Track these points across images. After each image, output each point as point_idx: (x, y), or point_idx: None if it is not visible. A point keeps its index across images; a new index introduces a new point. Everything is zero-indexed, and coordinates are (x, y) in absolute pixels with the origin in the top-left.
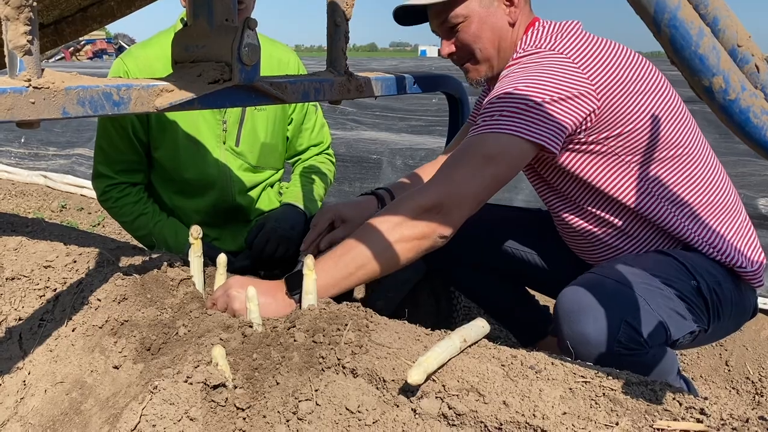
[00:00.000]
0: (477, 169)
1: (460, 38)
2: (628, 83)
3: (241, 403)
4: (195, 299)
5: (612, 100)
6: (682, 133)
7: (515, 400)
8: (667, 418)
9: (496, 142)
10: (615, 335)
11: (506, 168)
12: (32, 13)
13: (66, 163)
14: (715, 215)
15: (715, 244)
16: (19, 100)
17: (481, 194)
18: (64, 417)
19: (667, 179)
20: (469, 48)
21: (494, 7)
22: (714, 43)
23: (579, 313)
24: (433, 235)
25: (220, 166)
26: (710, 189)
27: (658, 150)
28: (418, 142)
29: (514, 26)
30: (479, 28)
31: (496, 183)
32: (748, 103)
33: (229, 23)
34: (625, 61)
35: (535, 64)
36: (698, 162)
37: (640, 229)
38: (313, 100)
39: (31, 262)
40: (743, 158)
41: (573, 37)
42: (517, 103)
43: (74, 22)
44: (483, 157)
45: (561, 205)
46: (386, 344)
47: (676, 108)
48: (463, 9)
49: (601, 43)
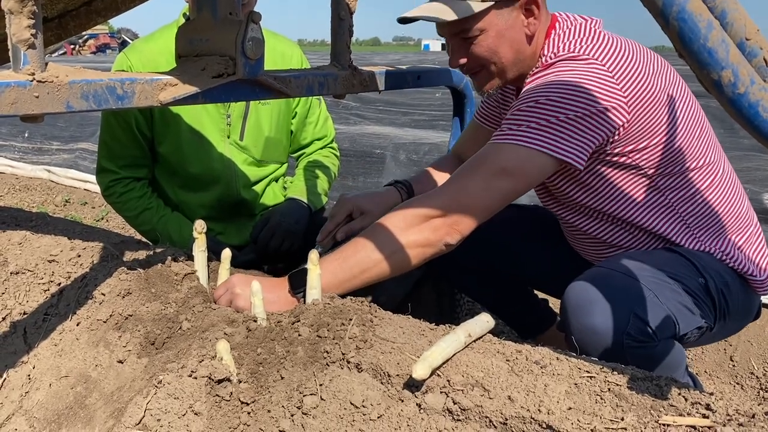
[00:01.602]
0: (491, 182)
1: (474, 51)
2: (655, 94)
3: (245, 398)
4: (199, 294)
5: (640, 112)
6: (700, 144)
7: (520, 395)
8: (672, 414)
9: (516, 155)
10: (624, 328)
11: (523, 184)
12: (36, 6)
13: (69, 157)
14: (728, 226)
15: (727, 252)
16: (23, 93)
17: (492, 207)
18: (69, 411)
19: (682, 192)
20: (483, 61)
21: (513, 18)
22: (723, 36)
23: (588, 305)
24: (439, 243)
25: (225, 160)
26: (724, 199)
27: (676, 163)
28: (421, 136)
29: (533, 38)
30: (496, 42)
31: (509, 197)
32: (757, 97)
33: (233, 17)
34: (651, 68)
35: (569, 72)
36: (714, 172)
37: (648, 237)
38: (317, 94)
39: (36, 257)
40: (748, 153)
41: (604, 41)
42: (548, 116)
43: (78, 15)
44: (500, 169)
45: (566, 212)
46: (391, 339)
47: (695, 116)
48: (480, 22)
49: (629, 48)
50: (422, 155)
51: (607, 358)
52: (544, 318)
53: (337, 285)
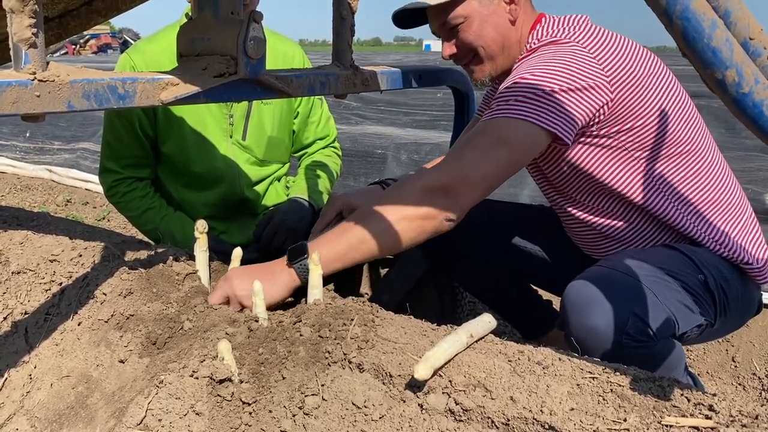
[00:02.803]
0: (489, 152)
1: (461, 38)
2: (640, 77)
3: (247, 398)
4: (200, 294)
5: (625, 93)
6: (689, 130)
7: (522, 396)
8: (675, 415)
9: (510, 126)
10: (624, 327)
11: (519, 152)
12: (37, 5)
13: (71, 157)
14: (720, 212)
15: (721, 240)
16: (24, 93)
17: (491, 177)
18: (70, 411)
19: (673, 175)
20: (470, 47)
21: (494, 5)
22: (727, 36)
23: (587, 305)
24: (440, 217)
25: (228, 159)
26: (715, 186)
27: (666, 146)
28: (423, 136)
29: (516, 24)
30: (480, 27)
31: (508, 167)
32: (761, 96)
33: (234, 16)
34: (636, 56)
35: (551, 53)
36: (704, 159)
37: (645, 224)
38: (318, 93)
39: (37, 256)
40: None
41: (587, 29)
42: (533, 90)
43: (79, 15)
44: (496, 139)
45: (565, 201)
46: (392, 339)
47: (684, 105)
48: (462, 9)
49: (613, 37)
50: (424, 155)
51: (606, 357)
52: (547, 318)
53: (337, 258)
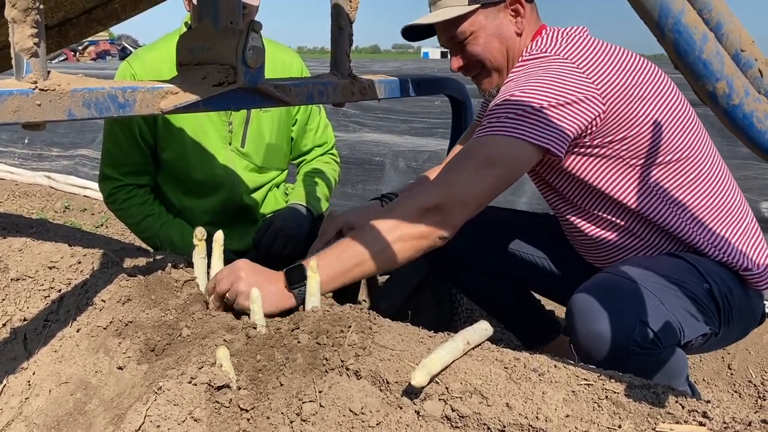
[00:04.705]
0: (479, 172)
1: (469, 51)
2: (632, 88)
3: (245, 404)
4: (199, 300)
5: (617, 104)
6: (687, 138)
7: (518, 403)
8: (669, 421)
9: (499, 145)
10: (631, 334)
11: (508, 171)
12: (39, 15)
13: (69, 164)
14: (721, 218)
15: (721, 247)
16: (26, 101)
17: (481, 196)
18: (69, 417)
19: (672, 182)
20: (478, 60)
21: (500, 18)
22: (718, 48)
23: (594, 311)
24: (433, 236)
25: (227, 166)
26: (716, 192)
27: (663, 154)
28: (420, 144)
29: (522, 36)
30: (487, 40)
31: (498, 185)
32: (751, 108)
33: (234, 26)
34: (629, 66)
35: (539, 69)
36: (704, 165)
37: (646, 231)
38: (316, 102)
39: (36, 263)
40: (746, 161)
41: (578, 42)
42: (522, 107)
43: (78, 24)
44: (485, 159)
45: (567, 208)
46: (390, 346)
47: (682, 112)
48: (469, 24)
49: (606, 48)
50: (421, 163)
51: (611, 364)
52: (549, 326)
53: (334, 277)
